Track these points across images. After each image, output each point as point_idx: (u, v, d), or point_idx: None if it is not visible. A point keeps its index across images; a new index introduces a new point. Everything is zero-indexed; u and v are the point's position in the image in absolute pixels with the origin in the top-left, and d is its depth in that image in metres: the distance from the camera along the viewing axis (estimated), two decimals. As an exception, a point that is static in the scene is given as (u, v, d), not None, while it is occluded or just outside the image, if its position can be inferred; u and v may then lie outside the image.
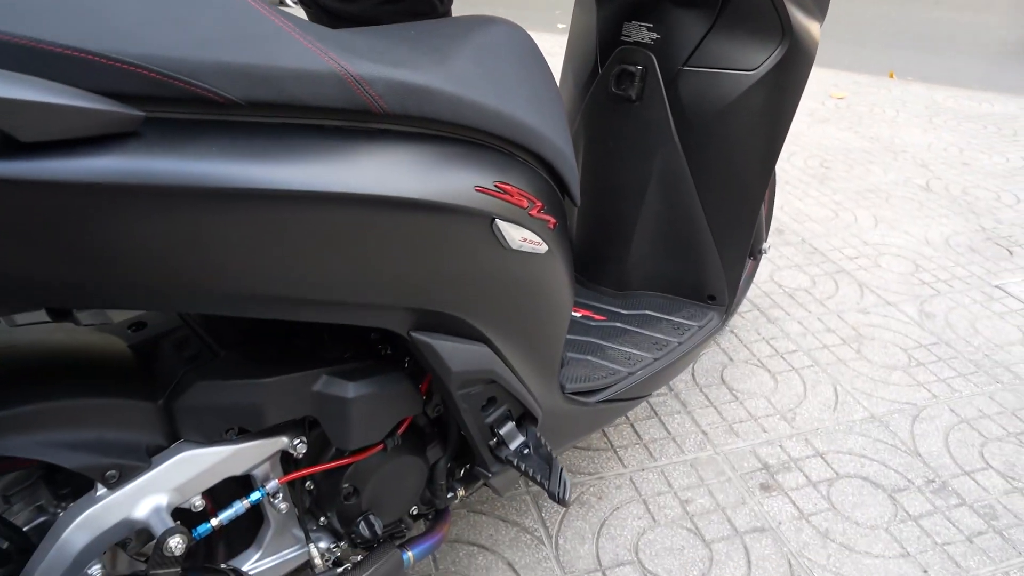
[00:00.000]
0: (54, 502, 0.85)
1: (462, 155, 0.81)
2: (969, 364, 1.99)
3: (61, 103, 0.52)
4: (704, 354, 2.00)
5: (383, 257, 0.77)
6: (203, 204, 0.61)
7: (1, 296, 0.59)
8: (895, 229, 2.78)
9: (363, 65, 0.70)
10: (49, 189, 0.53)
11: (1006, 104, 4.41)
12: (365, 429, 0.91)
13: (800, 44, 1.42)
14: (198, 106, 0.60)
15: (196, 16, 0.60)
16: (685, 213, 1.54)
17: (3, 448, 0.71)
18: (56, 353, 0.81)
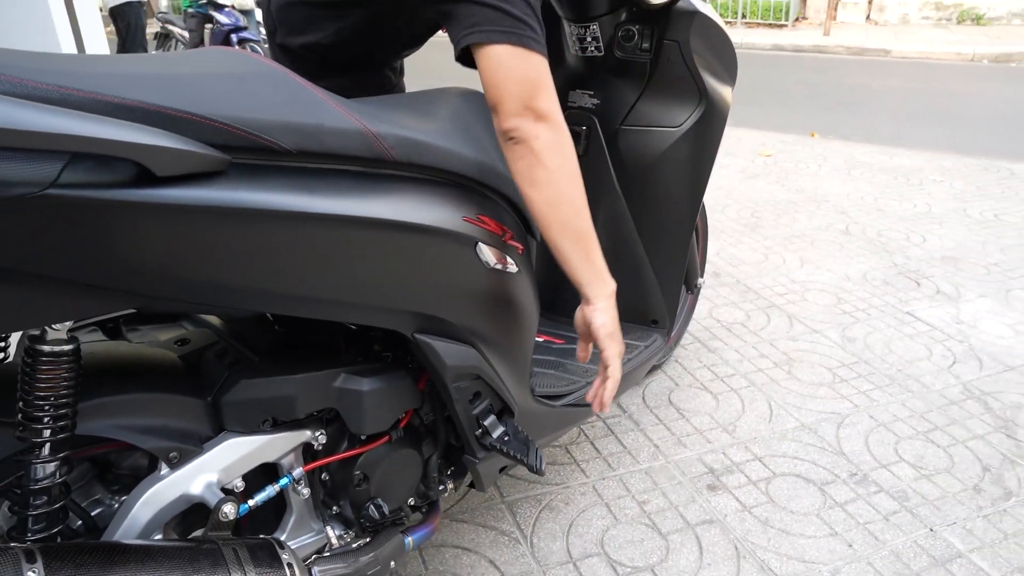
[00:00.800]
0: (108, 494, 1.02)
1: (452, 193, 1.06)
2: (885, 378, 2.26)
3: (180, 148, 0.74)
4: (652, 380, 2.23)
5: (397, 269, 0.99)
6: (268, 224, 0.83)
7: (132, 294, 0.79)
8: (819, 268, 3.08)
9: (379, 125, 0.94)
10: (172, 210, 0.75)
11: (913, 158, 4.85)
12: (376, 417, 1.11)
13: (715, 105, 1.71)
14: (264, 153, 0.83)
15: (262, 90, 0.84)
16: (628, 250, 1.79)
17: (94, 430, 0.89)
18: (125, 360, 1.00)
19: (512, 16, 1.06)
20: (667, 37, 1.64)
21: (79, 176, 0.69)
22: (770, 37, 11.55)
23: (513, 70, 1.06)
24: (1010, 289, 2.87)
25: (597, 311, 1.20)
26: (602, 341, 1.21)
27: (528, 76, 1.07)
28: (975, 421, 2.05)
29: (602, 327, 1.20)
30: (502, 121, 1.07)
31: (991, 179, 4.35)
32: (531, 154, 1.08)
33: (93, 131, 0.68)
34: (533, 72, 1.08)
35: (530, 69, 1.07)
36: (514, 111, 1.06)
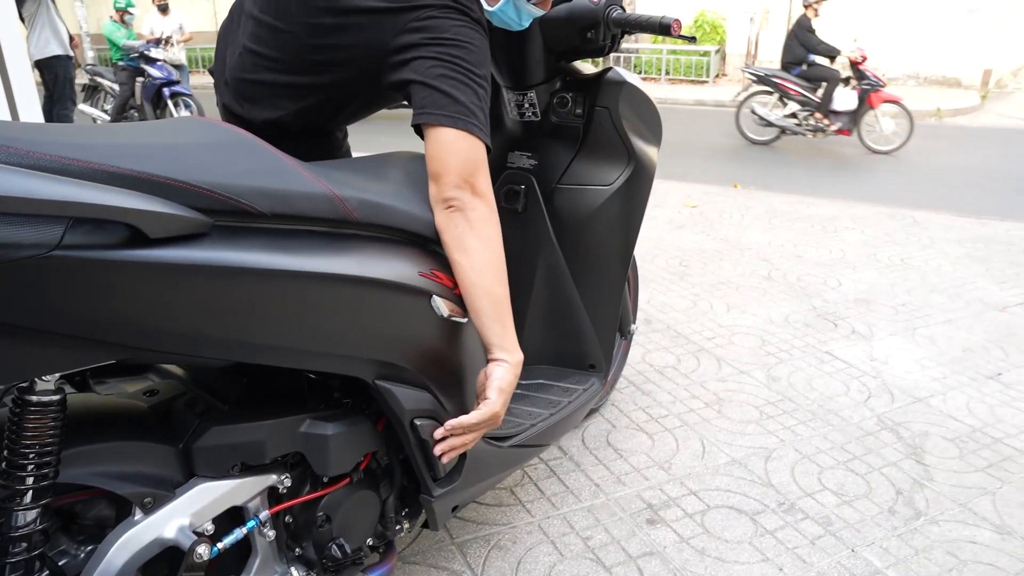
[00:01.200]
0: (74, 544, 1.06)
1: (408, 250, 1.17)
2: (807, 414, 2.41)
3: (170, 212, 0.82)
4: (590, 423, 2.33)
5: (361, 320, 1.08)
6: (247, 280, 0.91)
7: (121, 346, 0.86)
8: (744, 312, 3.26)
9: (344, 189, 1.04)
10: (162, 269, 0.83)
11: (828, 207, 5.17)
12: (340, 459, 1.18)
13: (642, 165, 1.86)
14: (242, 216, 0.92)
15: (239, 159, 0.94)
16: (566, 299, 1.91)
17: (74, 477, 0.94)
18: (98, 411, 1.06)
19: (459, 103, 1.19)
20: (598, 104, 1.80)
21: (80, 238, 0.77)
22: (693, 93, 12.12)
23: (456, 151, 1.20)
24: (916, 328, 3.10)
25: (499, 366, 1.27)
26: (491, 391, 1.25)
27: (469, 157, 1.21)
28: (888, 449, 2.21)
29: (499, 380, 1.26)
30: (443, 190, 1.20)
31: (897, 226, 4.68)
32: (465, 223, 1.20)
33: (94, 198, 0.77)
34: (473, 154, 1.21)
35: (471, 151, 1.21)
36: (455, 183, 1.19)
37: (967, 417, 2.41)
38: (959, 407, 2.47)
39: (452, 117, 1.19)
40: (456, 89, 1.19)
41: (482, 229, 1.22)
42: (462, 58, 1.21)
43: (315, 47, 1.27)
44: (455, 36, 1.21)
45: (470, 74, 1.21)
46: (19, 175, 0.73)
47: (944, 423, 2.37)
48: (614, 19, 1.65)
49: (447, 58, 1.20)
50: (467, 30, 1.23)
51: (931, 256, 4.08)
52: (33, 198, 0.72)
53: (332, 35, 1.25)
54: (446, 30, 1.21)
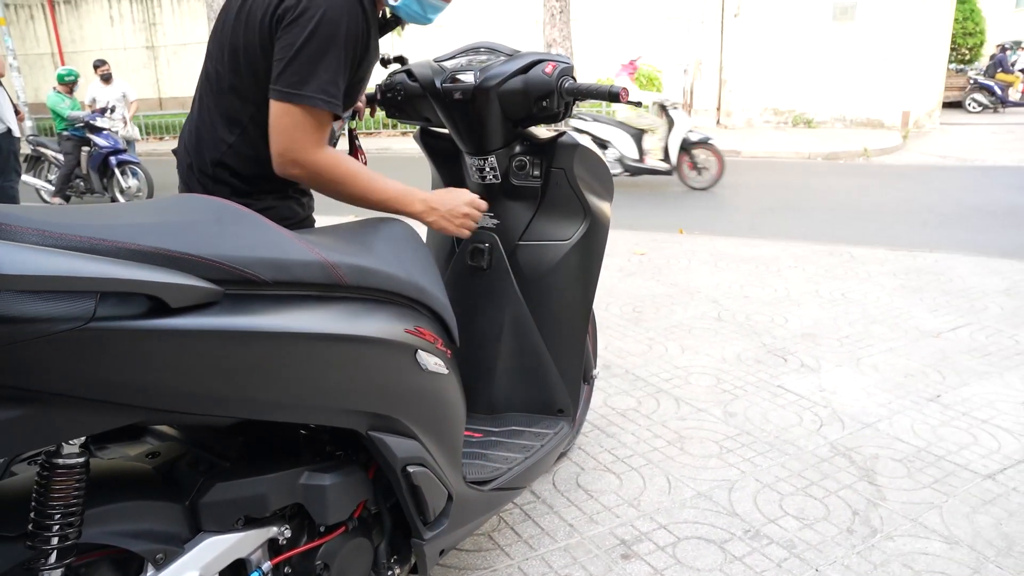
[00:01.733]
0: None
1: (394, 310, 1.27)
2: (765, 445, 2.54)
3: (188, 283, 0.92)
4: (560, 467, 2.42)
5: (355, 374, 1.18)
6: (254, 342, 1.00)
7: (143, 408, 0.94)
8: (698, 353, 3.40)
9: (334, 256, 1.14)
10: (182, 335, 0.92)
11: (770, 248, 5.41)
12: (338, 508, 1.26)
13: (597, 219, 2.00)
14: (248, 285, 1.01)
15: (243, 232, 1.04)
16: (532, 348, 2.01)
17: (91, 537, 1.00)
18: (106, 474, 1.12)
19: (296, 76, 1.42)
20: (554, 165, 1.93)
21: (109, 310, 0.86)
22: (633, 145, 12.51)
23: (279, 126, 1.44)
24: (860, 358, 3.28)
25: (423, 213, 1.62)
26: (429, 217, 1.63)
27: (291, 130, 1.44)
28: (843, 474, 2.34)
29: (422, 214, 1.61)
30: (282, 172, 1.48)
31: (836, 262, 4.92)
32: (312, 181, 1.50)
33: (122, 273, 0.86)
34: (296, 127, 1.44)
35: (294, 122, 1.44)
36: (279, 164, 1.47)
37: (912, 438, 2.56)
38: (905, 429, 2.63)
39: (280, 91, 1.42)
40: (305, 64, 1.40)
41: (330, 178, 1.48)
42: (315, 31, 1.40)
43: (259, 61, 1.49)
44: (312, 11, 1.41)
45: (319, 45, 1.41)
46: (57, 256, 0.82)
47: (892, 445, 2.52)
48: (567, 89, 1.79)
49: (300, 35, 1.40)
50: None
51: (869, 289, 4.31)
52: (70, 276, 0.81)
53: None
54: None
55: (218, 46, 1.55)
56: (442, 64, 1.92)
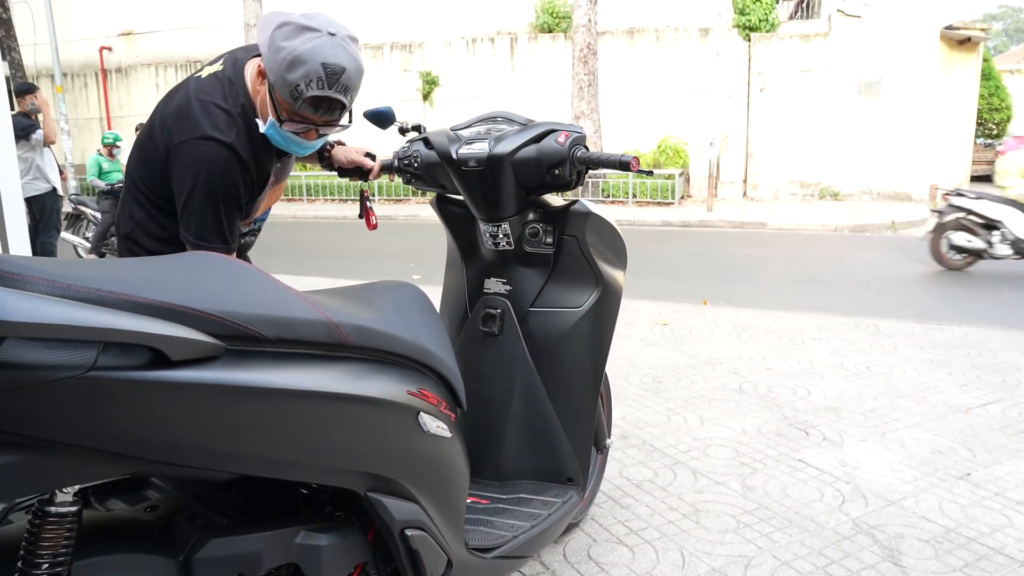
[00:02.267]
0: None
1: (397, 371, 1.28)
2: (784, 521, 2.46)
3: (190, 337, 0.93)
4: (571, 537, 2.36)
5: (355, 434, 1.18)
6: (254, 399, 1.01)
7: (140, 459, 0.94)
8: (718, 425, 3.34)
9: (339, 316, 1.16)
10: (182, 388, 0.93)
11: (795, 319, 5.35)
12: (333, 570, 1.24)
13: (609, 287, 2.00)
14: (250, 341, 1.03)
15: (247, 289, 1.06)
16: (542, 416, 2.00)
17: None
18: (101, 525, 1.12)
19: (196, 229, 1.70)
20: (566, 233, 1.95)
21: (110, 360, 0.88)
22: (659, 214, 12.61)
23: None
24: (885, 432, 3.20)
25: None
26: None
27: None
28: (865, 553, 2.26)
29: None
30: None
31: (861, 335, 4.85)
32: None
33: (125, 324, 0.88)
34: None
35: None
36: None
37: (940, 518, 2.47)
38: (932, 508, 2.54)
39: (186, 238, 1.70)
40: (196, 215, 1.67)
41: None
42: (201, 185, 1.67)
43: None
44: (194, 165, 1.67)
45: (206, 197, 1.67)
46: (61, 305, 0.84)
47: (919, 524, 2.43)
48: (579, 158, 1.82)
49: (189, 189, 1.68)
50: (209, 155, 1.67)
51: (896, 362, 4.23)
52: (72, 324, 0.83)
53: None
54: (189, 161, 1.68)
55: (138, 144, 1.83)
56: (458, 133, 1.96)
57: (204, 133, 1.65)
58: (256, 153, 1.73)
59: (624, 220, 12.33)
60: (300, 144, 1.74)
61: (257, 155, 1.73)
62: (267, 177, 1.81)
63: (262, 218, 2.01)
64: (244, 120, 1.70)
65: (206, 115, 1.67)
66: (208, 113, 1.67)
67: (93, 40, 19.94)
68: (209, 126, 1.66)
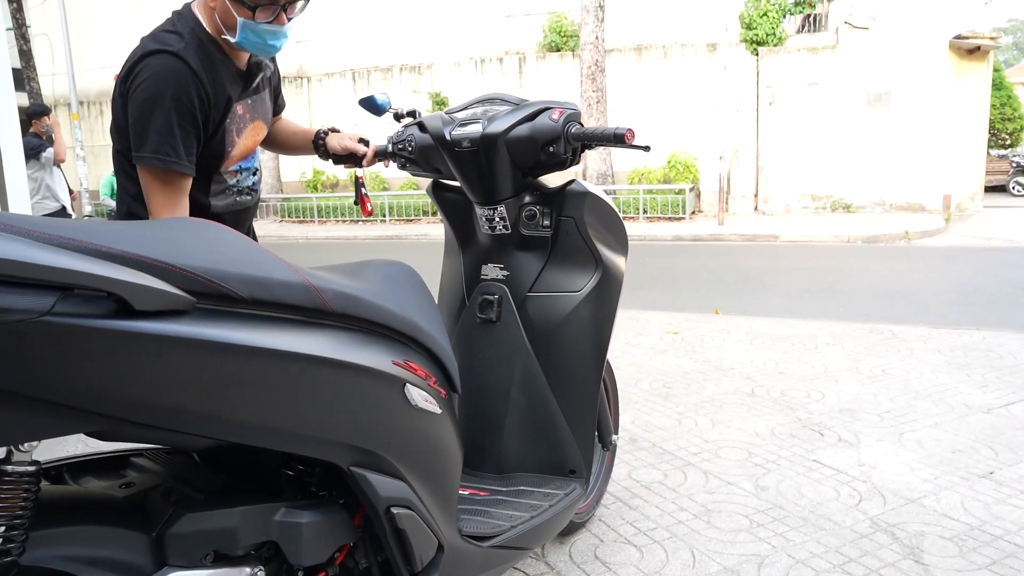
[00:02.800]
0: None
1: (382, 341, 1.21)
2: (798, 520, 2.37)
3: (155, 287, 0.88)
4: (577, 538, 2.27)
5: (335, 402, 1.11)
6: (225, 356, 0.96)
7: (101, 416, 0.89)
8: (729, 427, 3.25)
9: (320, 280, 1.11)
10: (145, 339, 0.88)
11: (808, 326, 5.25)
12: (315, 549, 1.17)
13: (610, 271, 1.94)
14: (224, 300, 0.97)
15: (223, 248, 1.01)
16: (543, 405, 1.92)
17: (40, 560, 0.93)
18: (71, 497, 1.06)
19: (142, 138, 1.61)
20: (564, 214, 1.89)
21: (69, 308, 0.82)
22: (670, 229, 12.54)
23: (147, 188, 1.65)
24: (903, 432, 3.09)
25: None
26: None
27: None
28: (885, 551, 2.16)
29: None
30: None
31: (876, 340, 4.74)
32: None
33: (85, 267, 0.82)
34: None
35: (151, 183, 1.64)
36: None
37: (963, 516, 2.37)
38: (954, 506, 2.44)
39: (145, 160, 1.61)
40: (149, 129, 1.59)
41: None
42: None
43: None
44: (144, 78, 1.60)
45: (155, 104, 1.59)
46: (18, 243, 0.79)
47: (940, 522, 2.33)
48: (573, 134, 1.77)
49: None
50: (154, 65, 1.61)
51: (912, 365, 4.12)
52: (28, 262, 0.78)
53: None
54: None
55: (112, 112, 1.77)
56: (453, 115, 1.92)
57: (148, 49, 1.63)
58: (210, 68, 1.68)
59: (635, 235, 12.26)
60: (275, 34, 1.70)
61: (211, 70, 1.69)
62: (227, 99, 1.74)
63: (252, 173, 1.92)
64: (195, 40, 1.68)
65: (151, 39, 1.67)
66: (153, 37, 1.67)
67: (108, 69, 20.18)
68: (153, 43, 1.65)
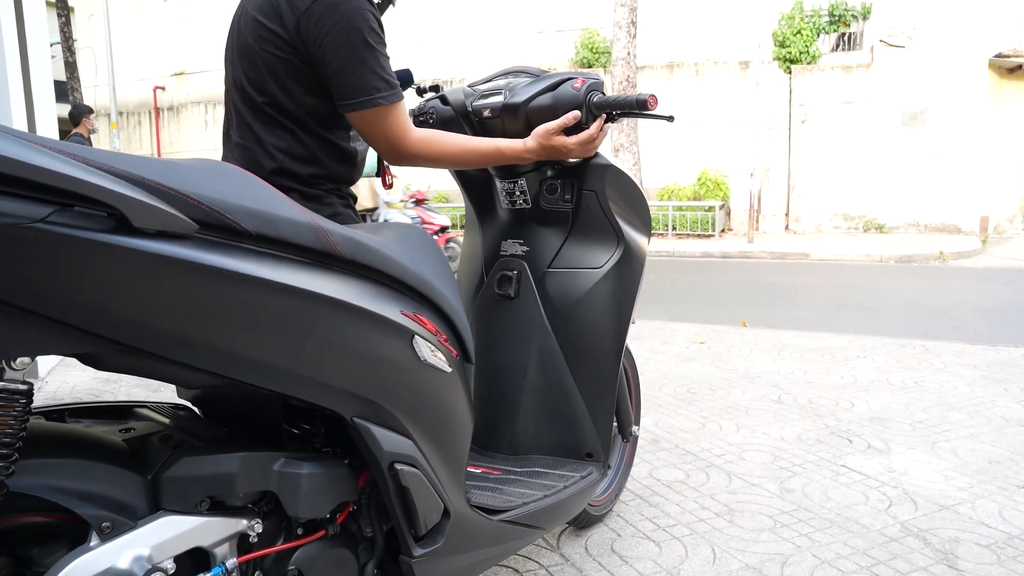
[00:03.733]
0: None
1: (391, 291, 1.17)
2: (825, 522, 2.27)
3: (155, 205, 0.85)
4: (594, 532, 2.20)
5: (339, 345, 1.07)
6: (225, 284, 0.92)
7: (96, 336, 0.86)
8: (755, 432, 3.16)
9: (330, 224, 1.08)
10: (142, 258, 0.84)
11: (838, 339, 5.13)
12: (314, 502, 1.12)
13: (631, 249, 1.88)
14: (228, 233, 0.94)
15: (229, 181, 0.98)
16: (560, 385, 1.86)
17: (30, 488, 0.90)
18: (69, 434, 1.03)
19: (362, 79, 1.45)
20: (585, 188, 1.85)
21: (65, 219, 0.79)
22: (699, 246, 12.42)
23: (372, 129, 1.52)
24: (935, 442, 2.98)
25: (528, 151, 1.72)
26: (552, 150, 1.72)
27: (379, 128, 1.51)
28: (916, 555, 2.06)
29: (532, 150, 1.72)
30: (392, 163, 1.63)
31: (908, 354, 4.61)
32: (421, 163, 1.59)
33: (88, 177, 0.80)
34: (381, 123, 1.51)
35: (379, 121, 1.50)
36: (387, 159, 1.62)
37: (1002, 524, 2.26)
38: (991, 515, 2.33)
39: (350, 104, 1.45)
40: (360, 68, 1.42)
41: (431, 153, 1.58)
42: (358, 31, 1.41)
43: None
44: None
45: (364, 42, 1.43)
46: (16, 144, 0.76)
47: (976, 530, 2.22)
48: (595, 103, 1.73)
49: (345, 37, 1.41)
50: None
51: (946, 379, 3.99)
52: (28, 163, 0.75)
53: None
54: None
55: (241, 60, 1.52)
56: (475, 88, 1.89)
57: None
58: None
59: (663, 251, 12.17)
60: None
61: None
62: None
63: None
64: None
65: None
66: None
67: (148, 80, 20.64)
68: None
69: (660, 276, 9.28)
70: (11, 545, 1.00)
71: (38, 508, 0.95)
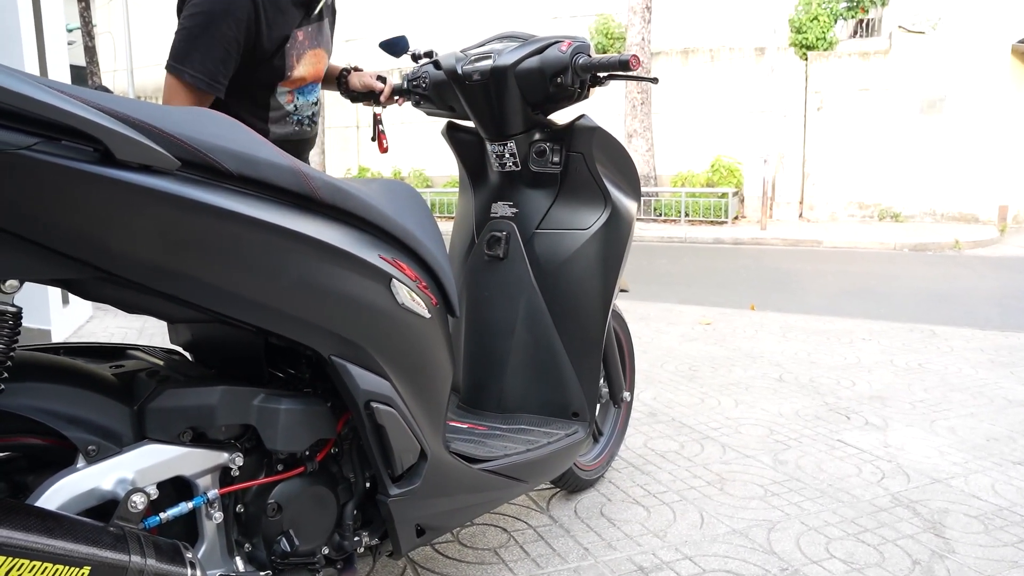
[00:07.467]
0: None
1: (372, 237, 1.20)
2: (816, 492, 2.28)
3: (138, 139, 0.88)
4: (584, 496, 2.22)
5: (317, 284, 1.10)
6: (205, 217, 0.96)
7: (79, 263, 0.90)
8: (753, 407, 3.16)
9: (310, 169, 1.10)
10: (124, 188, 0.88)
11: (844, 323, 5.11)
12: (292, 436, 1.16)
13: (619, 210, 1.90)
14: (209, 172, 0.97)
15: (211, 124, 1.01)
16: (547, 344, 1.89)
17: (19, 408, 0.94)
18: (60, 363, 1.06)
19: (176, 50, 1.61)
20: (573, 150, 1.87)
21: (51, 149, 0.83)
22: (712, 232, 12.37)
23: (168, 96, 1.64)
24: (934, 420, 2.98)
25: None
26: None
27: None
28: (904, 524, 2.07)
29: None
30: None
31: (915, 337, 4.59)
32: None
33: (73, 109, 0.83)
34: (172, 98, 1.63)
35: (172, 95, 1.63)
36: None
37: (992, 497, 2.26)
38: (983, 488, 2.33)
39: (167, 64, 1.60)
40: (183, 34, 1.58)
41: None
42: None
43: None
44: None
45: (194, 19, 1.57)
46: (8, 76, 0.79)
47: (966, 502, 2.22)
48: (581, 65, 1.75)
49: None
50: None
51: (951, 361, 3.98)
52: (14, 91, 0.78)
53: None
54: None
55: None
56: (467, 52, 1.90)
57: None
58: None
59: (675, 237, 12.13)
60: None
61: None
62: (291, 21, 1.73)
63: (313, 104, 1.92)
64: None
65: None
66: None
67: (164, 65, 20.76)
68: None
69: (671, 261, 9.26)
70: (8, 473, 1.03)
71: (27, 430, 0.99)
